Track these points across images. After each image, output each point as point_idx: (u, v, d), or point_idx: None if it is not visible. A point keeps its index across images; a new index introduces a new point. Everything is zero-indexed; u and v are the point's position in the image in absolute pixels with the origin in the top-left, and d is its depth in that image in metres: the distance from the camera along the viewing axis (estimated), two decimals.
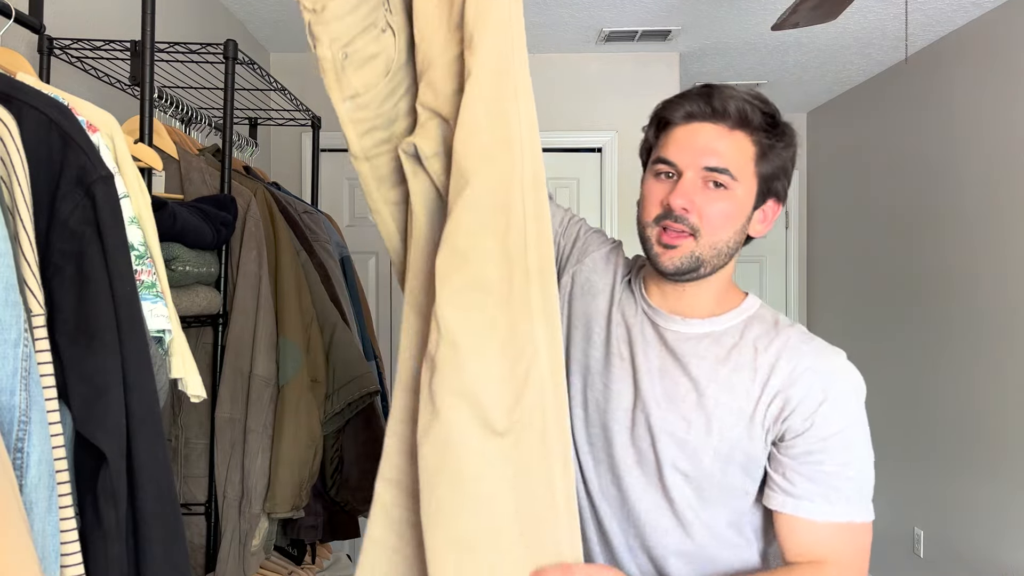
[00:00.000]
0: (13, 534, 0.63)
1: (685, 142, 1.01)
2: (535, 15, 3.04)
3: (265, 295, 1.73)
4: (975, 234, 3.01)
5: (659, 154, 1.03)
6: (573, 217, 1.24)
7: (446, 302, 0.82)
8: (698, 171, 1.00)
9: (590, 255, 1.18)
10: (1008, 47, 2.85)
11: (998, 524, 2.86)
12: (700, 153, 1.00)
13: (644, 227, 1.04)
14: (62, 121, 0.82)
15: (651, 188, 1.04)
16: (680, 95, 1.04)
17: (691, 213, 0.99)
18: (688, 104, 1.01)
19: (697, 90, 1.03)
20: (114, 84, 1.88)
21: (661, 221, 1.01)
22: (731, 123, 1.01)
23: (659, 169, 1.03)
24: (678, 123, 1.02)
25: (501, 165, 0.84)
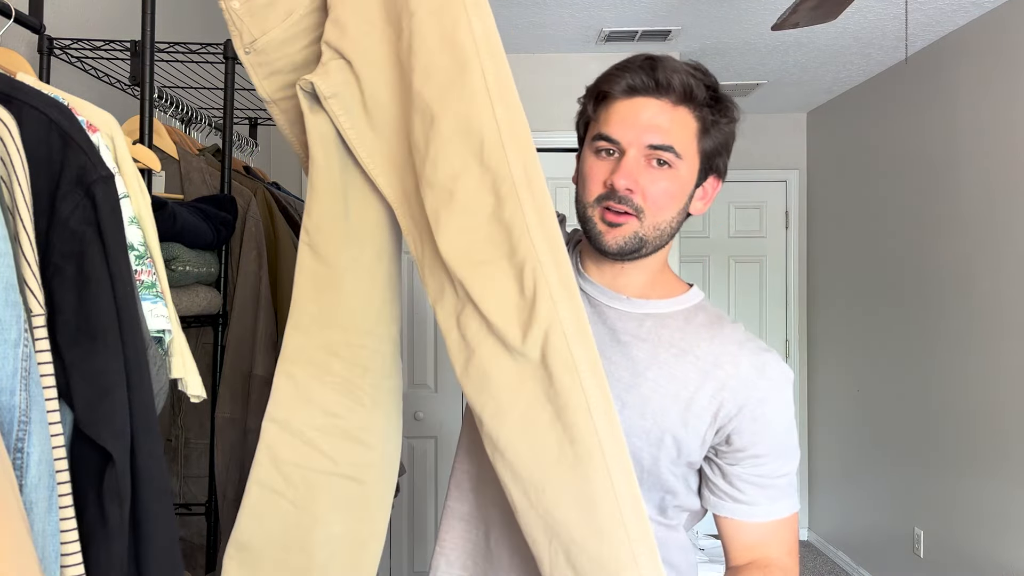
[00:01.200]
0: (13, 534, 0.63)
1: (628, 118, 0.96)
2: (535, 15, 3.04)
3: (265, 295, 1.73)
4: (975, 233, 3.01)
5: (600, 130, 0.98)
6: None
7: (448, 244, 0.81)
8: (641, 149, 0.96)
9: None
10: (1008, 47, 2.85)
11: (998, 524, 2.86)
12: (644, 130, 0.96)
13: (585, 207, 0.99)
14: (62, 121, 0.82)
15: (592, 166, 0.99)
16: (621, 66, 0.99)
17: (635, 193, 0.96)
18: (630, 76, 0.96)
19: (639, 61, 0.97)
20: (114, 84, 1.88)
21: (603, 201, 0.97)
22: (675, 98, 0.96)
23: (600, 146, 0.98)
24: (619, 97, 0.97)
25: (463, 89, 0.81)
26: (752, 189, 4.68)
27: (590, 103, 1.02)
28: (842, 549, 4.21)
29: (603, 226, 0.98)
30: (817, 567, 4.22)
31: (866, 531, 3.93)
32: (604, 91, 0.99)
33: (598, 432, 0.80)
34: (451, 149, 0.82)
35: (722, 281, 4.71)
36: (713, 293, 4.70)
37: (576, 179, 1.03)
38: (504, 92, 0.83)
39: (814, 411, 4.57)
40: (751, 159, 4.65)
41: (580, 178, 1.01)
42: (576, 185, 1.02)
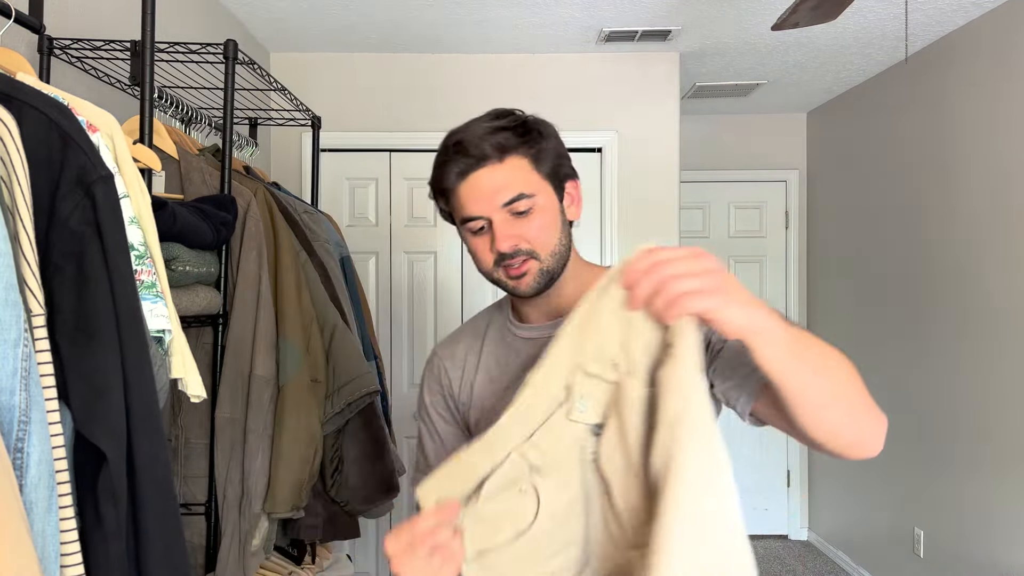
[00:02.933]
0: (13, 534, 0.63)
1: (474, 194, 1.06)
2: (535, 15, 3.04)
3: (265, 295, 1.73)
4: (976, 233, 3.01)
5: (463, 214, 1.08)
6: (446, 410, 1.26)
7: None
8: (500, 211, 1.06)
9: (451, 382, 1.22)
10: (1008, 47, 2.85)
11: (998, 524, 2.86)
12: (492, 196, 1.05)
13: (489, 274, 1.10)
14: (62, 121, 0.82)
15: (476, 244, 1.09)
16: (440, 161, 1.09)
17: (519, 244, 1.06)
18: (453, 166, 1.07)
19: (452, 148, 1.07)
20: (114, 84, 1.88)
21: (500, 263, 1.08)
22: (496, 157, 1.06)
23: (472, 227, 1.08)
24: (457, 184, 1.07)
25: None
26: (752, 189, 4.68)
27: (440, 201, 1.12)
28: (842, 549, 4.21)
29: (512, 282, 1.09)
30: (817, 567, 4.22)
31: (866, 531, 3.93)
32: (445, 188, 1.09)
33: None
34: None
35: None
36: None
37: (471, 256, 1.15)
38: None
39: None
40: (751, 159, 4.65)
41: (472, 255, 1.12)
42: (474, 260, 1.13)
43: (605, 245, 3.58)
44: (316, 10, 2.97)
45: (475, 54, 3.49)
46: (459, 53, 3.48)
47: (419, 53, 3.47)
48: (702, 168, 4.54)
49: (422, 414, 1.23)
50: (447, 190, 1.09)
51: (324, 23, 3.11)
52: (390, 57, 3.46)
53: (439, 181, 1.10)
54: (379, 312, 3.51)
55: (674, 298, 0.78)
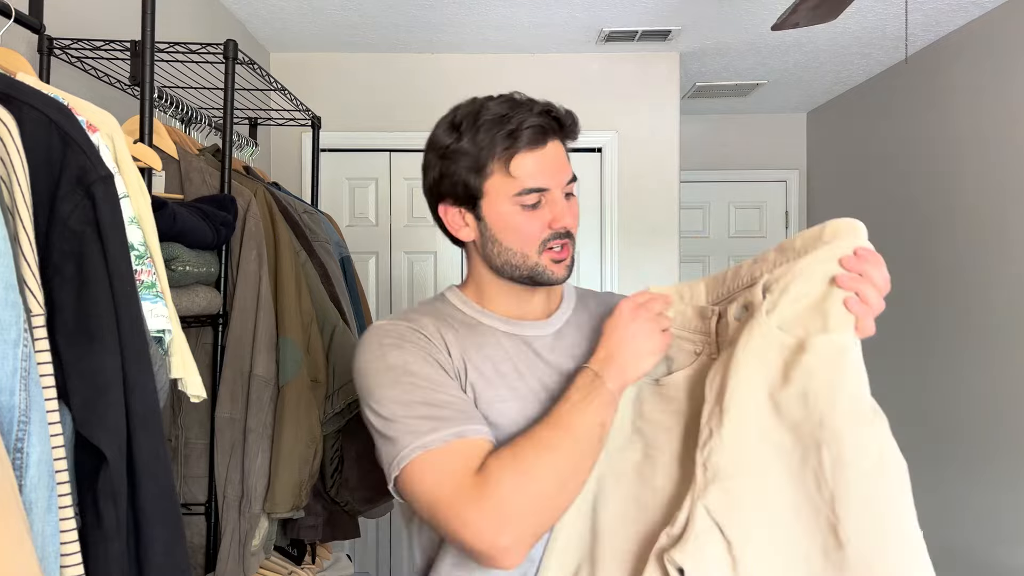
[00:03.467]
0: (13, 534, 0.63)
1: (547, 164, 1.02)
2: (535, 15, 3.04)
3: (265, 295, 1.73)
4: (976, 233, 3.01)
5: (528, 183, 1.01)
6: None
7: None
8: (562, 188, 1.04)
9: (439, 350, 1.06)
10: (1008, 47, 2.85)
11: (998, 524, 2.86)
12: (561, 171, 1.04)
13: (524, 257, 1.04)
14: (62, 121, 0.82)
15: (528, 219, 1.03)
16: (513, 120, 1.00)
17: (571, 226, 1.06)
18: (531, 129, 1.00)
19: (534, 108, 1.02)
20: (114, 84, 1.88)
21: (548, 243, 1.04)
22: (566, 135, 1.06)
23: (530, 200, 1.02)
24: (531, 148, 1.01)
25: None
26: (752, 189, 4.68)
27: (486, 159, 1.01)
28: None
29: (553, 266, 1.05)
30: None
31: None
32: (505, 144, 1.00)
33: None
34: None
35: None
36: None
37: (483, 234, 1.06)
38: None
39: None
40: (751, 159, 4.65)
41: (507, 233, 1.04)
42: (496, 241, 1.05)
43: (605, 245, 3.58)
44: (316, 10, 2.97)
45: (475, 54, 3.49)
46: (459, 53, 3.48)
47: (419, 53, 3.47)
48: (702, 168, 4.54)
49: (410, 368, 0.99)
50: (507, 149, 1.00)
51: (324, 23, 3.11)
52: (390, 57, 3.46)
53: (500, 137, 1.00)
54: (379, 312, 3.51)
55: (871, 309, 0.86)
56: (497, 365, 1.05)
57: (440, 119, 1.08)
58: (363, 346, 1.05)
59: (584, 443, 0.93)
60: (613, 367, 0.97)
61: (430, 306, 1.12)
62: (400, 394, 0.97)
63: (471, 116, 1.03)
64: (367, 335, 1.06)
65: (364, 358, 1.03)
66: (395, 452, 0.94)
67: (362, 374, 1.02)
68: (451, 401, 0.97)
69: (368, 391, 1.00)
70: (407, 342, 1.02)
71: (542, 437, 0.93)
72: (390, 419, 0.96)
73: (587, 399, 0.95)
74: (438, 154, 1.05)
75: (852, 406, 0.81)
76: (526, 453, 0.91)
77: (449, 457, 0.92)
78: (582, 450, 0.93)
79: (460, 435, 0.93)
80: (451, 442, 0.93)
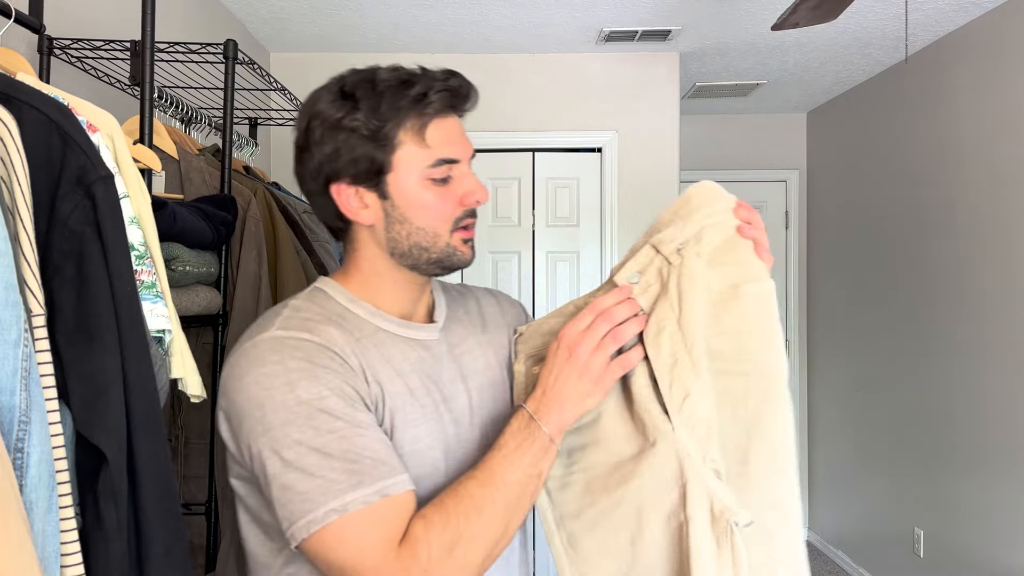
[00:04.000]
0: (13, 534, 0.63)
1: (456, 134, 0.94)
2: (535, 15, 3.04)
3: (265, 295, 1.73)
4: (975, 233, 3.01)
5: (440, 154, 0.91)
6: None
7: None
8: (469, 162, 0.95)
9: (352, 370, 0.90)
10: (1008, 47, 2.85)
11: (998, 524, 2.86)
12: (467, 142, 0.96)
13: (435, 237, 0.93)
14: (62, 121, 0.82)
15: (441, 194, 0.92)
16: (423, 84, 0.90)
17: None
18: (442, 94, 0.91)
19: (444, 75, 0.92)
20: (114, 84, 1.88)
21: (461, 222, 0.94)
22: (470, 107, 0.97)
23: (444, 172, 0.91)
24: (442, 117, 0.92)
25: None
26: (752, 189, 4.67)
27: (391, 128, 0.89)
28: (842, 549, 4.21)
29: (463, 246, 0.95)
30: (817, 567, 4.22)
31: (866, 531, 3.93)
32: (415, 111, 0.90)
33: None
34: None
35: None
36: None
37: (389, 214, 0.93)
38: None
39: (814, 411, 4.57)
40: (751, 159, 4.65)
41: (417, 210, 0.92)
42: (404, 220, 0.92)
43: (605, 245, 3.58)
44: (316, 10, 2.97)
45: (475, 54, 3.49)
46: (459, 53, 3.48)
47: (418, 53, 3.47)
48: (702, 168, 4.53)
49: (325, 405, 0.83)
50: (418, 117, 0.90)
51: (324, 23, 3.11)
52: (390, 57, 3.43)
53: (416, 105, 0.89)
54: None
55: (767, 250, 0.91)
56: (406, 381, 0.93)
57: (317, 90, 0.94)
58: (258, 364, 0.85)
59: (517, 499, 0.85)
60: (550, 409, 0.87)
61: (318, 307, 0.94)
62: (313, 438, 0.81)
63: (366, 83, 0.90)
64: (262, 350, 0.86)
65: (262, 383, 0.83)
66: (303, 511, 0.80)
67: (256, 403, 0.83)
68: (373, 447, 0.83)
69: (266, 426, 0.82)
70: (319, 367, 0.85)
71: (473, 496, 0.84)
72: (298, 468, 0.80)
73: (521, 448, 0.86)
74: (328, 127, 0.90)
75: (779, 345, 0.89)
76: (457, 518, 0.82)
77: (371, 523, 0.80)
78: (515, 507, 0.85)
79: (384, 493, 0.81)
80: (373, 504, 0.80)
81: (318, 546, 0.80)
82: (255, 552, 0.93)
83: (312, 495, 0.80)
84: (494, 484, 0.84)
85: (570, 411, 0.88)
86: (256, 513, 0.90)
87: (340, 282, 0.99)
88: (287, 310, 0.93)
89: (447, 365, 0.98)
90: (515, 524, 0.87)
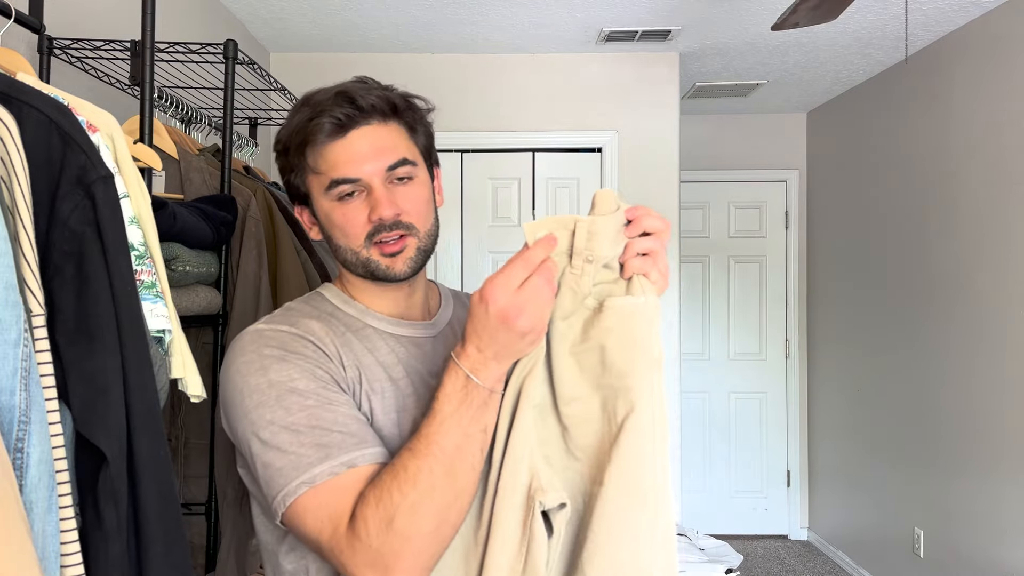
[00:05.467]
0: (13, 534, 0.63)
1: (353, 152, 0.94)
2: (535, 15, 3.04)
3: (265, 295, 1.73)
4: (975, 234, 3.01)
5: (334, 175, 0.93)
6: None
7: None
8: (382, 175, 0.95)
9: (329, 357, 0.94)
10: (1008, 47, 2.85)
11: (998, 524, 2.86)
12: (375, 156, 0.94)
13: (354, 253, 0.96)
14: (62, 121, 0.82)
15: (344, 214, 0.95)
16: (308, 113, 0.94)
17: (401, 215, 0.95)
18: (329, 116, 0.93)
19: (332, 99, 0.94)
20: (114, 84, 1.88)
21: (373, 238, 0.95)
22: (382, 117, 0.96)
23: (341, 192, 0.94)
24: (332, 140, 0.94)
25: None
26: (752, 189, 4.68)
27: (297, 158, 0.96)
28: (842, 549, 4.21)
29: (386, 259, 0.96)
30: (817, 567, 4.22)
31: (866, 531, 3.93)
32: (309, 141, 0.94)
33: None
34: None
35: (722, 281, 4.71)
36: (713, 293, 4.70)
37: (323, 232, 1.00)
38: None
39: (814, 411, 4.57)
40: (751, 159, 4.65)
41: (333, 230, 0.97)
42: (330, 238, 0.98)
43: None
44: (316, 10, 2.97)
45: (475, 54, 3.49)
46: (459, 53, 3.48)
47: (419, 53, 3.47)
48: (702, 168, 4.54)
49: (295, 386, 0.88)
50: (311, 145, 0.94)
51: (324, 23, 3.11)
52: (390, 57, 3.46)
53: (303, 133, 0.93)
54: None
55: (656, 258, 0.87)
56: (388, 371, 0.96)
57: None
58: (239, 355, 0.92)
59: (461, 460, 0.83)
60: (485, 359, 0.84)
61: (310, 307, 1.01)
62: (284, 415, 0.86)
63: (290, 113, 0.97)
64: (244, 342, 0.93)
65: (241, 371, 0.90)
66: (280, 486, 0.84)
67: (237, 389, 0.89)
68: (341, 421, 0.87)
69: (244, 410, 0.88)
70: (292, 353, 0.91)
71: (408, 468, 0.83)
72: (273, 446, 0.85)
73: (458, 412, 0.84)
74: (278, 152, 1.00)
75: (645, 360, 0.86)
76: (391, 494, 0.82)
77: (331, 495, 0.83)
78: (460, 468, 0.84)
79: (351, 464, 0.84)
80: (339, 475, 0.83)
81: (294, 519, 0.85)
82: (264, 541, 0.98)
83: (286, 470, 0.84)
84: (431, 454, 0.83)
85: (506, 356, 0.85)
86: (260, 500, 0.93)
87: (338, 286, 1.05)
88: (280, 310, 1.02)
89: (439, 363, 1.00)
90: (467, 482, 0.85)
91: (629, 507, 0.84)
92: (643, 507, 0.85)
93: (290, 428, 0.85)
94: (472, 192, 3.59)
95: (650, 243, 0.87)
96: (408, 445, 0.85)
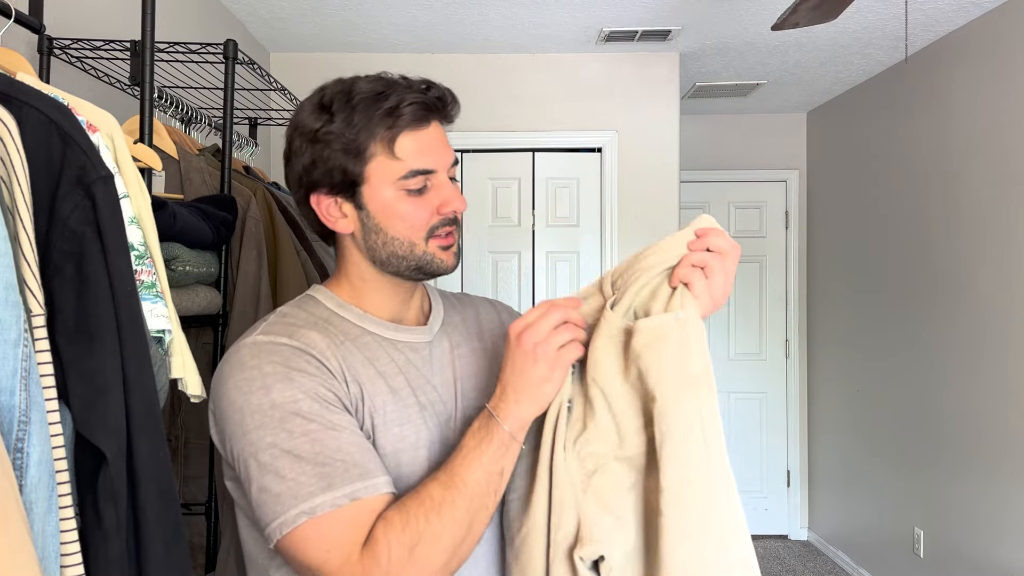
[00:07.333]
0: (13, 534, 0.63)
1: (433, 144, 0.94)
2: (535, 15, 3.04)
3: (265, 295, 1.73)
4: (975, 234, 3.01)
5: (413, 166, 0.91)
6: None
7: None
8: (447, 170, 0.96)
9: (332, 373, 0.92)
10: (1008, 47, 2.85)
11: (998, 524, 2.86)
12: (447, 150, 0.95)
13: (411, 246, 0.94)
14: (62, 121, 0.82)
15: (415, 204, 0.93)
16: (395, 95, 0.92)
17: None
18: (414, 105, 0.92)
19: (417, 84, 0.94)
20: (114, 84, 1.88)
21: (436, 231, 0.95)
22: (450, 115, 0.98)
23: (417, 183, 0.92)
24: (414, 128, 0.92)
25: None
26: (752, 189, 4.68)
27: (364, 138, 0.91)
28: (842, 549, 4.21)
29: (442, 253, 0.96)
30: (817, 567, 4.22)
31: (866, 531, 3.93)
32: (391, 128, 0.91)
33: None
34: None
35: None
36: None
37: (363, 223, 0.95)
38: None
39: (814, 411, 4.57)
40: (751, 159, 4.65)
41: (391, 220, 0.93)
42: (380, 229, 0.94)
43: (605, 245, 3.58)
44: (316, 10, 2.97)
45: (475, 54, 3.49)
46: (459, 53, 3.48)
47: (419, 53, 3.47)
48: (702, 168, 4.54)
49: (299, 408, 0.85)
50: (390, 128, 0.91)
51: (324, 23, 3.11)
52: (390, 57, 3.46)
53: (389, 118, 0.90)
54: None
55: (709, 273, 0.85)
56: (389, 381, 0.94)
57: (303, 101, 0.97)
58: (238, 370, 0.88)
59: (480, 498, 0.85)
60: (508, 404, 0.87)
61: (305, 312, 0.97)
62: (286, 440, 0.83)
63: (342, 95, 0.92)
64: (242, 355, 0.89)
65: (241, 388, 0.86)
66: (276, 513, 0.82)
67: (236, 407, 0.86)
68: (346, 449, 0.84)
69: (244, 429, 0.85)
70: (295, 370, 0.87)
71: (433, 497, 0.84)
72: (272, 470, 0.83)
73: (480, 447, 0.86)
74: (307, 139, 0.93)
75: (679, 380, 0.84)
76: (417, 520, 0.82)
77: (334, 527, 0.81)
78: (477, 506, 0.85)
79: (354, 496, 0.82)
80: (343, 506, 0.81)
81: (290, 547, 0.83)
82: (251, 552, 0.96)
83: (284, 497, 0.82)
84: (455, 485, 0.85)
85: (527, 403, 0.87)
86: (249, 514, 0.91)
87: (331, 288, 1.02)
88: (274, 316, 0.97)
89: (436, 368, 1.00)
90: (479, 523, 0.87)
91: (689, 539, 0.82)
92: (707, 538, 0.83)
93: (291, 453, 0.83)
94: (472, 192, 3.59)
95: (706, 257, 0.85)
96: (434, 475, 0.87)
